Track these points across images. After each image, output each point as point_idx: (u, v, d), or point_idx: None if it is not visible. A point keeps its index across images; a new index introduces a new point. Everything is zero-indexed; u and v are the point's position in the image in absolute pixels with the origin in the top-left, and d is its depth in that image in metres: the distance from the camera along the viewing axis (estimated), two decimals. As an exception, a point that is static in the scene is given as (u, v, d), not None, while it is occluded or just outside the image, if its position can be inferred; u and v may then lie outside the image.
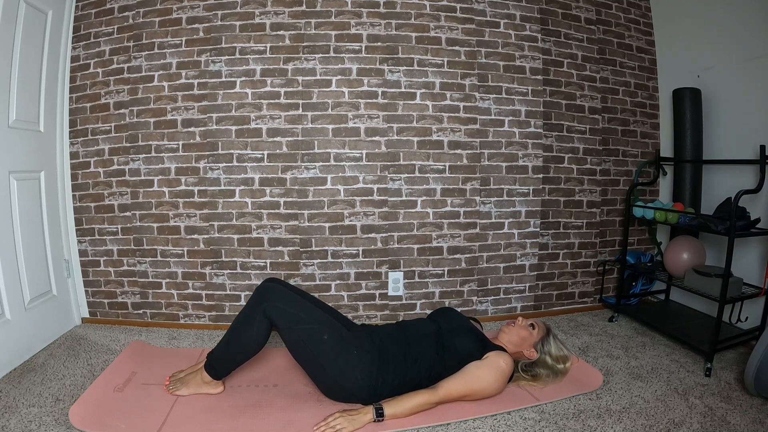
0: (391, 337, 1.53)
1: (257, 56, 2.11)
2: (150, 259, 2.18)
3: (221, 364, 1.49)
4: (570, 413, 1.44)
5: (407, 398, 1.41)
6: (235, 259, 2.18)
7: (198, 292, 2.20)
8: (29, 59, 1.86)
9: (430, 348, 1.51)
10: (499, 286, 2.34)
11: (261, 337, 1.44)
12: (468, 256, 2.29)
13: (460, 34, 2.20)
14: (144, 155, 2.13)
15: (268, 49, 2.11)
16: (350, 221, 2.19)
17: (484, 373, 1.45)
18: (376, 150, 2.17)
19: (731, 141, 2.11)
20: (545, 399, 1.51)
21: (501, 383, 1.47)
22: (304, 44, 2.12)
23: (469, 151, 2.24)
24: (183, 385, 1.52)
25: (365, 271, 2.23)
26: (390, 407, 1.38)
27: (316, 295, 2.16)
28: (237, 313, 1.54)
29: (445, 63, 2.19)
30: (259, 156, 2.14)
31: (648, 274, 2.31)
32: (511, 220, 2.31)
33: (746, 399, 1.52)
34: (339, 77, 2.14)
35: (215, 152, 2.13)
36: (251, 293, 2.13)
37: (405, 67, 2.17)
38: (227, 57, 2.10)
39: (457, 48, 2.20)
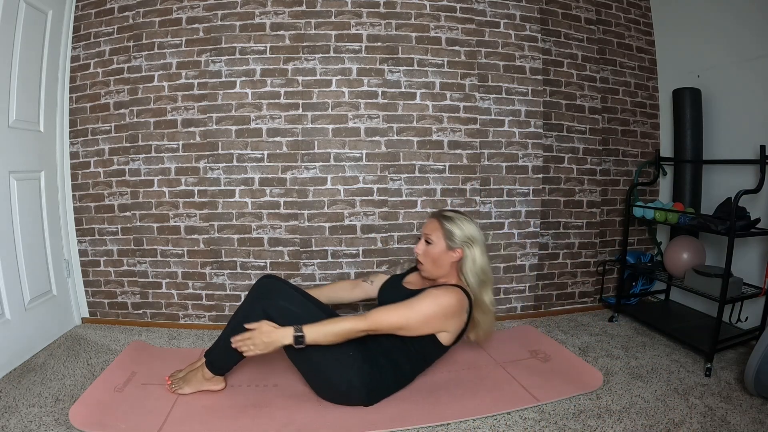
0: (386, 335, 1.52)
1: (257, 56, 2.11)
2: (150, 259, 2.18)
3: (221, 360, 1.49)
4: (570, 413, 1.44)
5: (331, 323, 1.34)
6: (235, 259, 2.18)
7: (198, 292, 2.20)
8: (29, 59, 1.86)
9: (428, 343, 1.50)
10: (499, 286, 2.34)
11: None
12: (468, 256, 2.28)
13: (460, 34, 2.20)
14: (144, 155, 2.13)
15: (268, 49, 2.11)
16: (350, 221, 2.19)
17: (420, 303, 1.38)
18: (376, 150, 2.17)
19: (731, 141, 2.11)
20: (545, 399, 1.51)
21: (439, 318, 1.38)
22: (304, 44, 2.12)
23: (469, 151, 2.23)
24: (185, 383, 1.52)
25: (365, 271, 2.23)
26: (311, 331, 1.30)
27: (316, 295, 2.16)
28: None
29: (445, 63, 2.19)
30: (259, 156, 2.14)
31: (648, 274, 2.31)
32: (511, 220, 2.31)
33: (746, 399, 1.52)
34: (339, 77, 2.14)
35: (215, 152, 2.13)
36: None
37: (405, 67, 2.16)
38: (227, 57, 2.10)
39: (457, 48, 2.20)
